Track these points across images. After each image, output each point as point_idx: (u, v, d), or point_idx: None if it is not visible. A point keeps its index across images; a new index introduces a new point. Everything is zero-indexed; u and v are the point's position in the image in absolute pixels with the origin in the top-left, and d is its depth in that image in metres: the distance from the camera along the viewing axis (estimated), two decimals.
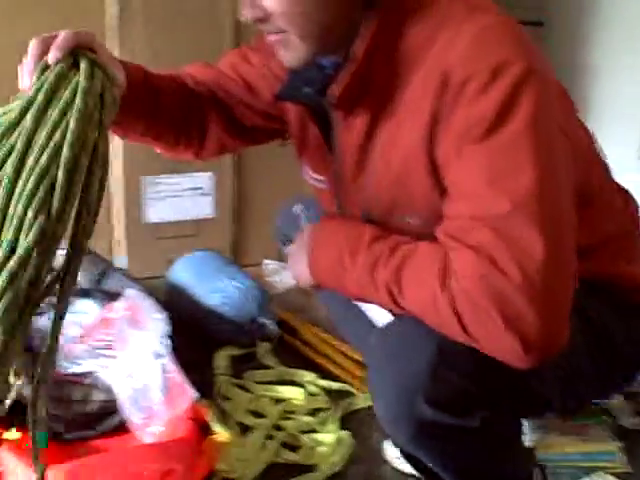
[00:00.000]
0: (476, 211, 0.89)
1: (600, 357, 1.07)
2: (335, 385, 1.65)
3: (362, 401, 1.58)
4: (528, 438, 1.41)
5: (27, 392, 1.30)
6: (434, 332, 0.94)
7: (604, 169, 1.13)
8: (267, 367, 1.70)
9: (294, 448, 1.44)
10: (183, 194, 2.18)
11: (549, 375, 1.00)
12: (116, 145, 2.04)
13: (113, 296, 1.68)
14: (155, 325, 1.37)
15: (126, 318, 1.39)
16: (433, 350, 0.94)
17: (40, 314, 1.70)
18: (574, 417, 1.50)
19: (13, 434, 1.20)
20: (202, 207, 2.21)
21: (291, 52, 0.98)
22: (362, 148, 1.02)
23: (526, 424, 1.40)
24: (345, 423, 1.52)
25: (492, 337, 0.89)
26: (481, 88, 0.88)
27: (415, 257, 0.94)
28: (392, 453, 1.40)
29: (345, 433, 1.47)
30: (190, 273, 1.92)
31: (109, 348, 1.43)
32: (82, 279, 1.81)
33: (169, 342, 1.36)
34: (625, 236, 1.13)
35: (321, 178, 1.16)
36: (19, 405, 1.29)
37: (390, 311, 1.01)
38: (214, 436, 1.25)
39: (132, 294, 1.41)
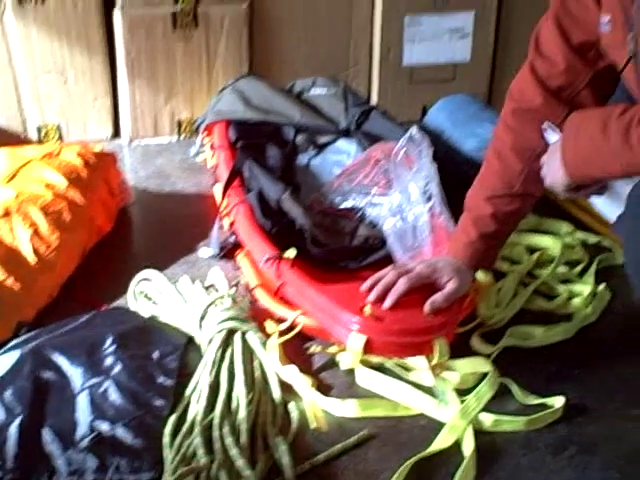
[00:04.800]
0: None
1: None
2: (592, 238, 1.63)
3: (620, 257, 1.55)
4: None
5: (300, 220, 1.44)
6: None
7: None
8: None
9: (549, 297, 1.46)
10: (442, 36, 2.15)
11: None
12: None
13: (374, 138, 1.75)
14: (427, 167, 1.41)
15: (399, 157, 1.43)
16: None
17: (301, 152, 1.83)
18: None
19: (291, 252, 1.33)
20: (460, 50, 2.17)
21: None
22: None
23: None
24: (600, 277, 1.50)
25: None
26: None
27: None
28: None
29: (602, 286, 1.46)
30: (447, 117, 1.92)
31: (378, 186, 1.50)
32: (343, 119, 1.88)
33: (439, 184, 1.40)
34: None
35: (607, 19, 1.09)
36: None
37: None
38: (476, 280, 1.29)
39: (411, 133, 1.44)
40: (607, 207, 1.15)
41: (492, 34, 2.19)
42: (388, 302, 1.20)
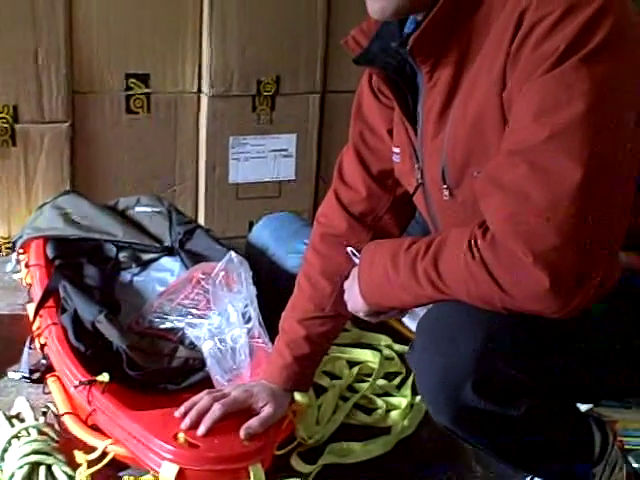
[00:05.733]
0: (515, 145, 0.87)
1: None
2: None
3: None
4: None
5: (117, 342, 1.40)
6: (484, 318, 0.93)
7: None
8: (343, 329, 1.73)
9: (368, 410, 1.48)
10: (267, 155, 2.22)
11: (602, 371, 0.99)
12: (203, 105, 2.12)
13: (198, 257, 1.75)
14: (246, 289, 1.42)
15: (218, 279, 1.43)
16: (483, 336, 0.93)
17: (124, 269, 1.80)
18: None
19: (104, 377, 1.29)
20: (285, 169, 2.25)
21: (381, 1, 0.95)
22: (444, 105, 1.00)
23: None
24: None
25: (519, 277, 0.84)
26: (550, 28, 0.85)
27: (448, 241, 0.92)
28: None
29: (419, 398, 1.50)
30: (270, 234, 1.96)
31: (198, 308, 1.49)
32: (167, 237, 1.88)
33: (257, 307, 1.41)
34: None
35: (397, 151, 1.16)
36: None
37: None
38: (294, 403, 1.29)
39: (230, 257, 1.45)
40: (412, 324, 1.20)
41: (315, 154, 2.29)
42: (202, 429, 1.17)
